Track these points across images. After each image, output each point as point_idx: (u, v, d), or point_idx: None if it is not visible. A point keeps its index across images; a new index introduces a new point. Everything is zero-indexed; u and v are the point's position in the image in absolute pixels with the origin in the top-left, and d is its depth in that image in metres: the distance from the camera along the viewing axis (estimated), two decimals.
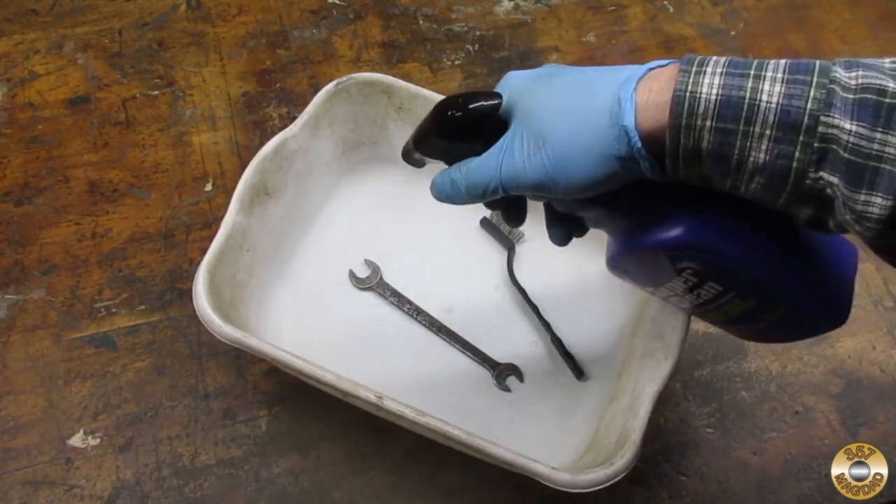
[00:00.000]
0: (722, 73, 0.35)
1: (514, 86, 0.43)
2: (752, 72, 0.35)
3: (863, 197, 0.33)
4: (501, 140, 0.42)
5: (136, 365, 0.63)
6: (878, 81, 0.33)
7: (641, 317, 0.60)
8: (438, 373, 0.62)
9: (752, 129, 0.34)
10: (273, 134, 0.61)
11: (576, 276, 0.67)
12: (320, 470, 0.60)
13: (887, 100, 0.32)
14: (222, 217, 0.57)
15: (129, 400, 0.62)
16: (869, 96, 0.33)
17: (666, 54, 0.84)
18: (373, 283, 0.65)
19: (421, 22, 0.86)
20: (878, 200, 0.33)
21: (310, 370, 0.51)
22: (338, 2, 0.86)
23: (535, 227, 0.68)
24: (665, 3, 0.89)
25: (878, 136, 0.32)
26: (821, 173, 0.34)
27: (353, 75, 0.64)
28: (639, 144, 0.37)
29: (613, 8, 0.88)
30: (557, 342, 0.63)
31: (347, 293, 0.66)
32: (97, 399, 0.62)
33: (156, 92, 0.78)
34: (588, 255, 0.68)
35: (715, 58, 0.36)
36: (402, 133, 0.68)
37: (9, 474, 0.58)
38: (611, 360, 0.62)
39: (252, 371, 0.63)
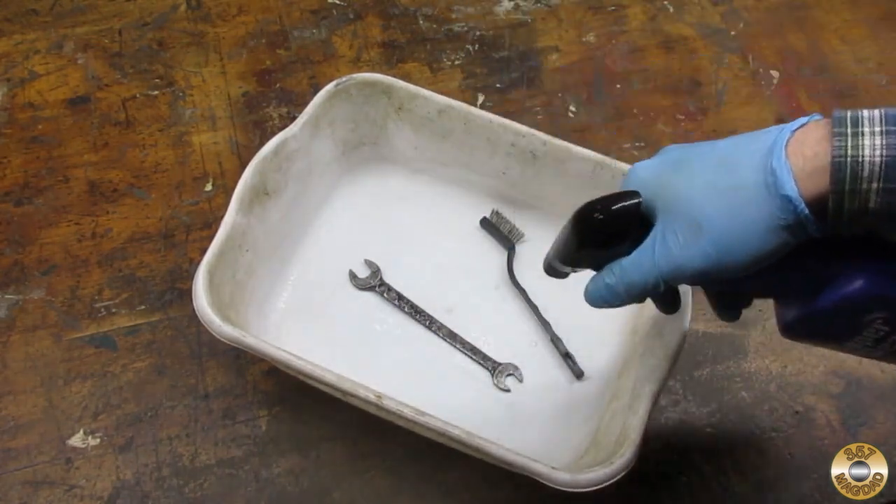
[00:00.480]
0: (882, 131, 0.34)
1: (646, 177, 0.42)
2: None
3: None
4: (651, 236, 0.41)
5: (136, 365, 0.63)
6: None
7: (641, 316, 0.60)
8: (438, 373, 0.62)
9: None
10: (273, 134, 0.61)
11: (575, 275, 0.67)
12: (320, 470, 0.60)
13: None
14: (222, 217, 0.57)
15: (129, 400, 0.62)
16: None
17: (666, 54, 0.84)
18: (373, 283, 0.65)
19: (421, 22, 0.86)
20: None
21: (310, 370, 0.51)
22: (338, 2, 0.86)
23: (534, 226, 0.68)
24: (665, 3, 0.89)
25: None
26: None
27: (353, 76, 0.64)
28: (806, 211, 0.35)
29: (613, 8, 0.88)
30: (557, 341, 0.63)
31: (347, 293, 0.66)
32: (97, 399, 0.62)
33: (156, 92, 0.78)
34: None
35: (867, 113, 0.35)
36: (402, 133, 0.68)
37: (9, 474, 0.58)
38: (610, 359, 0.62)
39: (252, 371, 0.63)
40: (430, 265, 0.67)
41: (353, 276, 0.66)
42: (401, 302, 0.64)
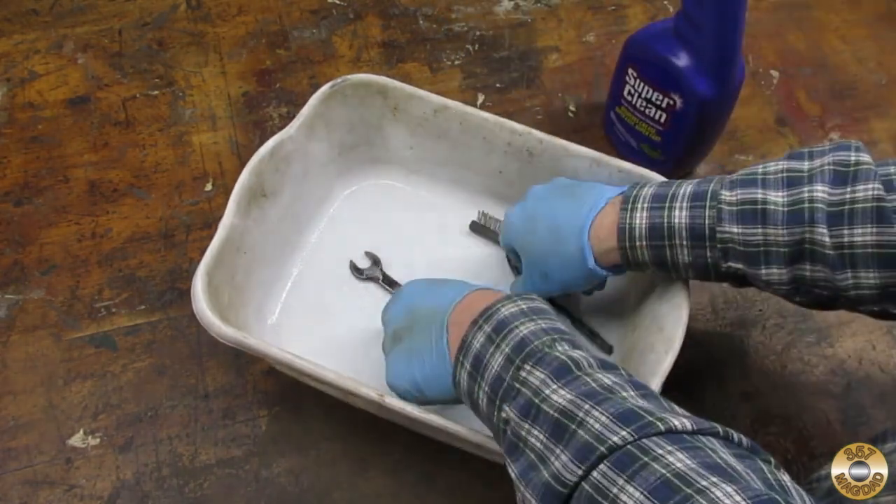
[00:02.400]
0: (647, 206, 0.51)
1: (513, 234, 0.59)
2: (666, 204, 0.50)
3: (763, 271, 0.48)
4: (523, 274, 0.60)
5: (136, 365, 0.63)
6: (751, 195, 0.47)
7: (640, 312, 0.60)
8: None
9: (674, 241, 0.50)
10: (273, 134, 0.61)
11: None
12: (320, 470, 0.60)
13: (759, 206, 0.47)
14: (222, 217, 0.57)
15: (129, 400, 0.62)
16: (746, 207, 0.47)
17: None
18: (374, 273, 0.65)
19: (421, 22, 0.86)
20: (775, 271, 0.47)
21: (311, 370, 0.51)
22: (338, 2, 0.86)
23: None
24: (665, 2, 0.89)
25: (760, 230, 0.47)
26: (729, 263, 0.49)
27: (348, 77, 0.64)
28: (602, 273, 0.54)
29: (613, 8, 0.88)
30: (580, 323, 0.64)
31: (345, 293, 0.66)
32: (97, 399, 0.62)
33: (156, 92, 0.78)
34: None
35: (644, 192, 0.52)
36: (398, 133, 0.68)
37: (9, 474, 0.58)
38: (611, 355, 0.62)
39: (252, 371, 0.63)
40: (429, 265, 0.67)
41: (354, 267, 0.66)
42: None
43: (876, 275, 0.44)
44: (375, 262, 0.66)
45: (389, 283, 0.65)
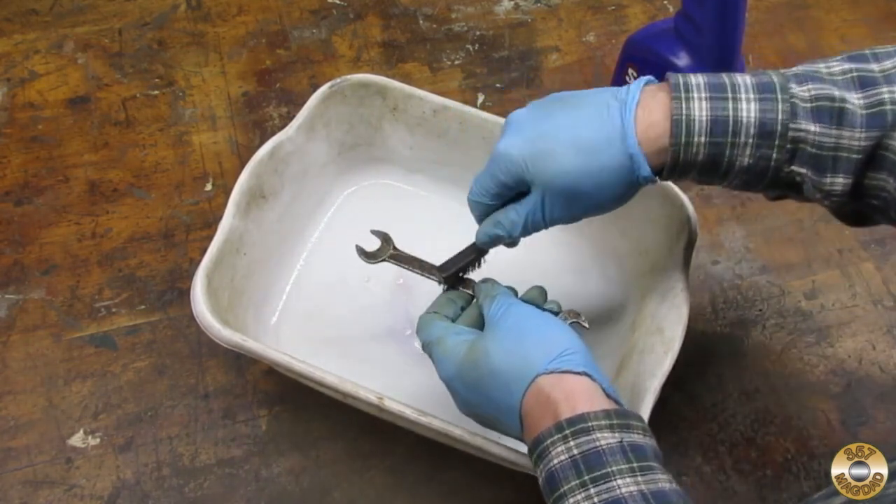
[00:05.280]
0: (707, 97, 0.43)
1: (518, 156, 0.48)
2: (729, 94, 0.44)
3: (828, 179, 0.43)
4: (532, 202, 0.48)
5: (136, 365, 0.63)
6: (826, 91, 0.42)
7: (640, 312, 0.60)
8: (436, 373, 0.62)
9: (738, 139, 0.43)
10: (273, 134, 0.61)
11: (574, 273, 0.67)
12: (320, 469, 0.60)
13: (837, 104, 0.42)
14: (222, 217, 0.57)
15: (129, 400, 0.62)
16: (823, 104, 0.42)
17: None
18: (386, 253, 0.58)
19: (421, 22, 0.86)
20: (840, 180, 0.43)
21: (310, 373, 0.51)
22: (338, 2, 0.86)
23: None
24: (665, 2, 0.89)
25: (834, 132, 0.42)
26: (792, 167, 0.44)
27: (348, 77, 0.64)
28: (652, 177, 0.46)
29: (613, 8, 0.88)
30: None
31: (345, 293, 0.66)
32: (97, 399, 0.62)
33: (156, 92, 0.78)
34: (586, 253, 0.68)
35: (695, 80, 0.44)
36: (398, 133, 0.68)
37: (9, 474, 0.58)
38: (610, 356, 0.62)
39: (252, 371, 0.63)
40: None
41: (361, 251, 0.58)
42: (422, 268, 0.58)
43: None
44: (386, 240, 0.59)
45: (405, 260, 0.58)
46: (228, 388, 0.63)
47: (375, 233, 0.60)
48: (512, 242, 0.52)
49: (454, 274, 0.54)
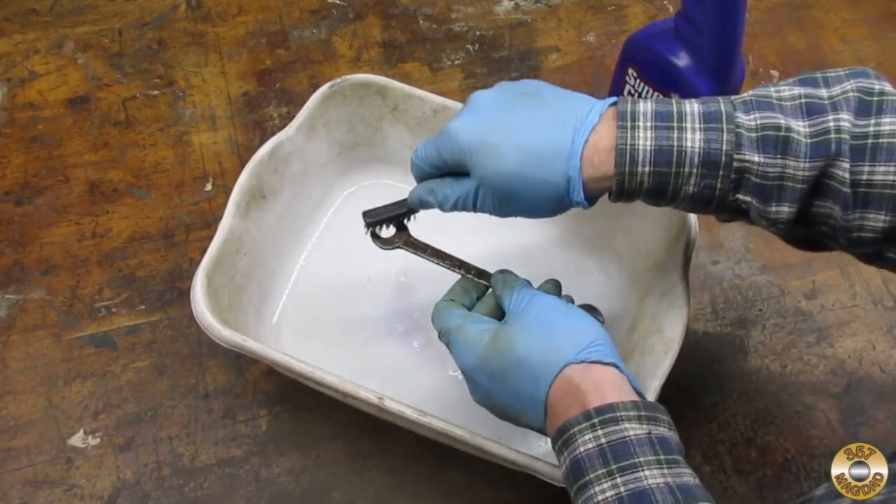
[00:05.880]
0: (651, 126, 0.43)
1: (467, 140, 0.47)
2: (675, 123, 0.43)
3: (773, 207, 0.43)
4: (468, 187, 0.48)
5: (136, 365, 0.63)
6: (773, 120, 0.42)
7: (640, 312, 0.60)
8: (436, 373, 0.62)
9: (682, 169, 0.43)
10: (273, 134, 0.61)
11: (574, 272, 0.67)
12: (320, 469, 0.60)
13: (782, 133, 0.42)
14: (222, 217, 0.57)
15: (129, 400, 0.62)
16: (769, 133, 0.42)
17: None
18: (402, 240, 0.57)
19: (421, 22, 0.86)
20: (785, 208, 0.43)
21: (310, 373, 0.51)
22: (338, 2, 0.86)
23: (534, 226, 0.68)
24: (665, 2, 0.89)
25: (779, 161, 0.42)
26: (737, 195, 0.44)
27: (348, 77, 0.64)
28: (583, 206, 0.46)
29: (613, 8, 0.88)
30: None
31: (345, 293, 0.66)
32: (97, 399, 0.62)
33: (156, 92, 0.78)
34: (586, 252, 0.68)
35: (643, 108, 0.44)
36: (398, 133, 0.68)
37: (9, 474, 0.58)
38: None
39: (252, 371, 0.63)
40: (427, 265, 0.67)
41: (376, 236, 0.57)
42: (438, 257, 0.57)
43: (886, 217, 0.41)
44: (400, 226, 0.58)
45: (420, 248, 0.57)
46: (228, 388, 0.63)
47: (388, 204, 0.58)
48: (441, 209, 0.52)
49: (378, 221, 0.55)
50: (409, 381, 0.61)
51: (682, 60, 0.64)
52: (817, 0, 0.90)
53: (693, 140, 0.43)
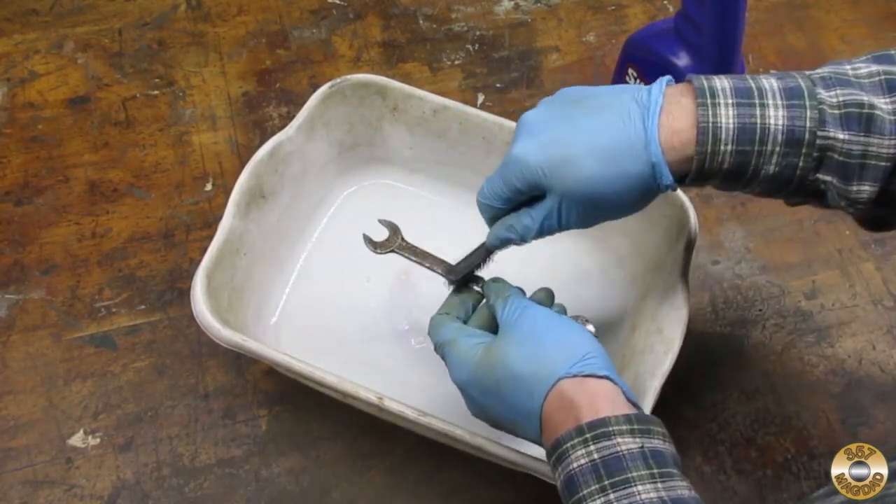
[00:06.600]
0: (733, 103, 0.42)
1: (535, 163, 0.46)
2: (756, 100, 0.42)
3: (855, 187, 0.42)
4: (548, 208, 0.47)
5: (136, 365, 0.63)
6: (855, 97, 0.41)
7: (640, 312, 0.60)
8: (436, 373, 0.62)
9: (765, 147, 0.42)
10: (273, 134, 0.61)
11: (574, 273, 0.67)
12: (320, 469, 0.60)
13: (865, 111, 0.41)
14: (222, 218, 0.57)
15: (129, 400, 0.62)
16: (852, 110, 0.41)
17: None
18: (395, 244, 0.58)
19: (421, 22, 0.86)
20: (867, 188, 0.42)
21: (310, 373, 0.51)
22: (338, 2, 0.86)
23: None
24: (665, 2, 0.89)
25: (863, 139, 0.41)
26: (818, 175, 0.43)
27: (348, 77, 0.64)
28: (674, 188, 0.45)
29: (613, 8, 0.88)
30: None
31: (345, 293, 0.66)
32: (97, 399, 0.62)
33: (156, 92, 0.78)
34: (586, 252, 0.68)
35: (720, 84, 0.43)
36: (398, 133, 0.68)
37: (9, 474, 0.58)
38: (610, 356, 0.62)
39: (252, 371, 0.63)
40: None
41: (368, 240, 0.58)
42: (430, 261, 0.57)
43: None
44: (395, 230, 0.58)
45: (413, 252, 0.58)
46: (228, 388, 0.63)
47: (383, 222, 0.59)
48: (522, 243, 0.51)
49: (464, 276, 0.54)
50: (409, 381, 0.61)
51: (682, 60, 0.64)
52: (817, 0, 0.90)
53: (776, 117, 0.41)
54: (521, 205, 0.49)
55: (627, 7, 0.88)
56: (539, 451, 0.53)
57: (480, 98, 0.80)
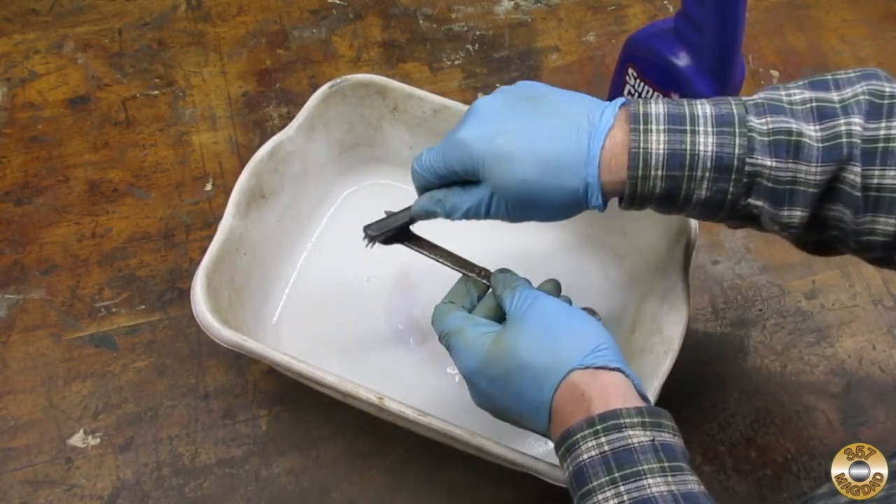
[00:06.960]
0: (665, 129, 0.43)
1: (479, 151, 0.46)
2: (687, 127, 0.43)
3: (786, 212, 0.43)
4: (480, 194, 0.47)
5: (136, 365, 0.63)
6: (784, 124, 0.42)
7: (640, 312, 0.60)
8: (437, 373, 0.62)
9: (694, 173, 0.43)
10: (273, 134, 0.62)
11: (574, 273, 0.67)
12: (320, 469, 0.60)
13: (794, 138, 0.42)
14: (222, 218, 0.57)
15: (129, 400, 0.62)
16: (780, 137, 0.42)
17: None
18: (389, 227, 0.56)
19: (421, 22, 0.86)
20: (797, 213, 0.43)
21: (310, 373, 0.51)
22: (338, 2, 0.86)
23: (534, 226, 0.68)
24: (665, 2, 0.89)
25: (791, 165, 0.42)
26: (749, 200, 0.44)
27: (348, 77, 0.64)
28: (601, 210, 0.46)
29: (613, 8, 0.88)
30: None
31: (345, 293, 0.66)
32: (97, 399, 0.62)
33: (156, 92, 0.78)
34: (586, 252, 0.68)
35: (654, 110, 0.44)
36: (398, 133, 0.68)
37: (9, 474, 0.58)
38: None
39: (252, 371, 0.63)
40: (429, 264, 0.67)
41: (365, 228, 0.56)
42: (436, 253, 0.56)
43: None
44: (401, 238, 0.57)
45: (415, 242, 0.57)
46: (228, 388, 0.63)
47: (389, 213, 0.57)
48: (447, 218, 0.52)
49: (380, 235, 0.54)
50: (409, 380, 0.61)
51: (682, 60, 0.64)
52: (817, 0, 0.90)
53: (706, 144, 0.42)
54: (453, 182, 0.50)
55: (627, 7, 0.88)
56: (540, 451, 0.53)
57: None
